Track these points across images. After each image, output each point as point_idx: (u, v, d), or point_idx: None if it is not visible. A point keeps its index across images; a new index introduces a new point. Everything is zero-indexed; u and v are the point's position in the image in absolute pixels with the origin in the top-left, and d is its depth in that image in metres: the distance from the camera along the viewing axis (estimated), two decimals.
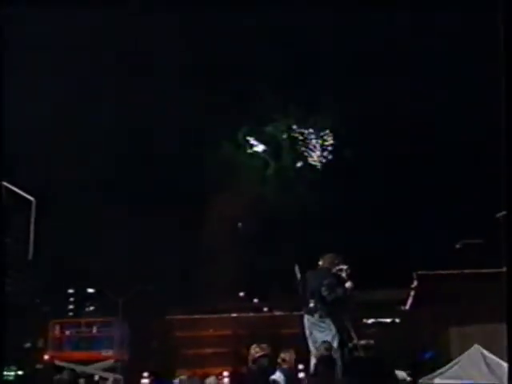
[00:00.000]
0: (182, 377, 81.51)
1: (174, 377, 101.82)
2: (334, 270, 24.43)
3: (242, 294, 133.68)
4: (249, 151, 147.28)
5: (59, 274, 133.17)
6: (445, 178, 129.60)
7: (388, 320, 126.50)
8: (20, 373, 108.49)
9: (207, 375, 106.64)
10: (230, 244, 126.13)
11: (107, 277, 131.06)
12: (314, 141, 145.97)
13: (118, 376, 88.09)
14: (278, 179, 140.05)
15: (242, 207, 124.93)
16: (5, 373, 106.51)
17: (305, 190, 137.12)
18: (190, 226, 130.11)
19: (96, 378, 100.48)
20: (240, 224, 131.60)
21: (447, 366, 57.50)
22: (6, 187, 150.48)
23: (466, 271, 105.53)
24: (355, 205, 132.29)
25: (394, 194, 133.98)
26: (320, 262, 25.19)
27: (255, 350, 22.96)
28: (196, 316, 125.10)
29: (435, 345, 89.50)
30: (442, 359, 66.37)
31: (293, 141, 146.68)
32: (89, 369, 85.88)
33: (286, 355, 23.67)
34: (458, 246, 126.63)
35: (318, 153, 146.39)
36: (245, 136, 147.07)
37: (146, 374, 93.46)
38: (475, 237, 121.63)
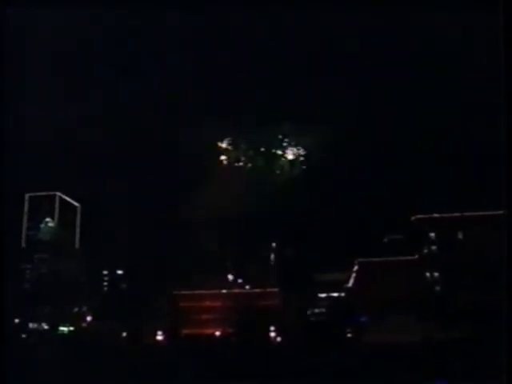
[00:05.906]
0: None
1: (179, 334, 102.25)
2: None
3: (230, 276, 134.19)
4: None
5: (97, 259, 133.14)
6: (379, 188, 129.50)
7: (335, 294, 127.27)
8: (71, 328, 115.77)
9: (203, 334, 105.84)
10: (219, 240, 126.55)
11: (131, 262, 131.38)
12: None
13: None
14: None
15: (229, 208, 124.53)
16: (60, 328, 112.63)
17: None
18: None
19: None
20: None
21: (377, 325, 59.37)
22: (60, 197, 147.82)
23: (391, 259, 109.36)
24: (314, 207, 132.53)
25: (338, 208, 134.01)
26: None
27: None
28: (196, 291, 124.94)
29: (368, 312, 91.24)
30: (372, 322, 67.65)
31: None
32: None
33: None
34: (385, 240, 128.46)
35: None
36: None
37: (160, 332, 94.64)
38: (397, 233, 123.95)
